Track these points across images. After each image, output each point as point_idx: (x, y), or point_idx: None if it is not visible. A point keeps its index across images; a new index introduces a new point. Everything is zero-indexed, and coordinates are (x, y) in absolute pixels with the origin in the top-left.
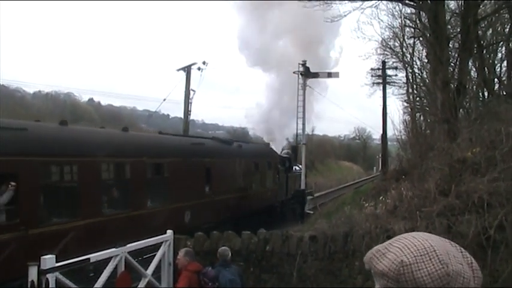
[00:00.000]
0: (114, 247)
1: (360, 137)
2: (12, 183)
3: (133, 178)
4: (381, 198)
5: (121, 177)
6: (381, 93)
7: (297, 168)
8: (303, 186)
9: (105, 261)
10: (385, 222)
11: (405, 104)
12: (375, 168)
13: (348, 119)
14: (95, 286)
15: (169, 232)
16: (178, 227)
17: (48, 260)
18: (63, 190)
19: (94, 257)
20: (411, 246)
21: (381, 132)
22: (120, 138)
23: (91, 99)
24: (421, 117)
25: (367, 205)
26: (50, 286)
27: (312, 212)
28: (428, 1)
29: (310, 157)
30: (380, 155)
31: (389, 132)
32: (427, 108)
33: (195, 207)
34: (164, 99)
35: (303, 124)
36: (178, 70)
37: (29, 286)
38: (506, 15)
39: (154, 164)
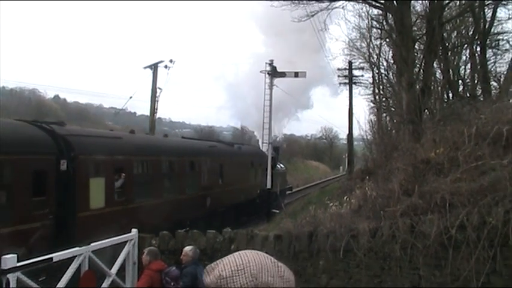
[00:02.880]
0: (78, 246)
1: (327, 136)
2: (123, 174)
3: (179, 172)
4: (345, 198)
5: (171, 171)
6: (347, 93)
7: (279, 166)
8: (268, 186)
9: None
10: (350, 221)
11: (371, 104)
12: (341, 167)
13: (314, 119)
14: (58, 286)
15: (134, 231)
16: (203, 210)
17: (9, 260)
18: (143, 179)
19: (57, 256)
20: (231, 262)
21: (347, 132)
22: (165, 142)
23: (57, 96)
24: (387, 118)
25: (332, 205)
26: (11, 286)
27: (277, 211)
28: (395, 3)
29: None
30: (346, 155)
31: (356, 132)
32: (393, 109)
33: (213, 194)
34: (131, 97)
35: (269, 123)
36: (145, 68)
37: None
38: (471, 18)
39: (190, 162)
